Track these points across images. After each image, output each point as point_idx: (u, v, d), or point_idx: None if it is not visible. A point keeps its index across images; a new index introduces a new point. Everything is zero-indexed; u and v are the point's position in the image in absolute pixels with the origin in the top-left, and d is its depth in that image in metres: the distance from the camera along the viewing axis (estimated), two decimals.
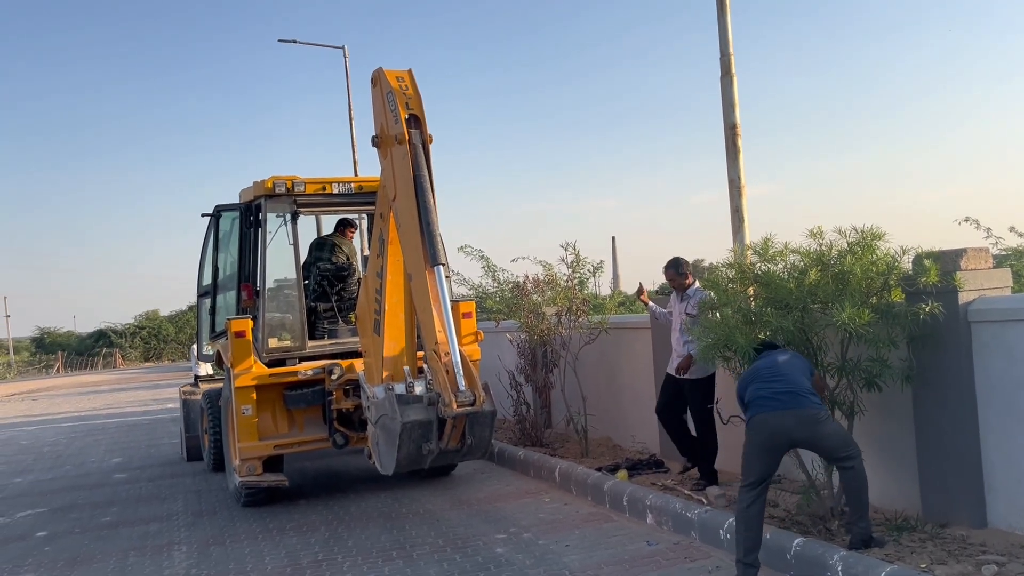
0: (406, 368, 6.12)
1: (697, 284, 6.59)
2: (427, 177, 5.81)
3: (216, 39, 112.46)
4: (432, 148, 6.02)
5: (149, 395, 23.36)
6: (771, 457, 4.68)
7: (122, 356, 54.37)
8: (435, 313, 5.63)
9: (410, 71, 6.17)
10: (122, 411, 19.02)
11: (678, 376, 6.50)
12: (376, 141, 6.38)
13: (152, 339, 56.61)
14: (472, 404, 5.43)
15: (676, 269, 6.59)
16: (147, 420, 16.32)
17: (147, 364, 52.16)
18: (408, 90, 6.03)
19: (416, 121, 5.94)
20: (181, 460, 10.62)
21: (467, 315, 7.61)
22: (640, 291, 7.27)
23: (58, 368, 52.28)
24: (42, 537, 7.15)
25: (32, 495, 9.12)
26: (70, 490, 9.23)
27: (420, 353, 6.40)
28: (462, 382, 5.46)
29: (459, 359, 5.53)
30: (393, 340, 6.28)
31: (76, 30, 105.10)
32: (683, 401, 6.60)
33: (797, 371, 4.78)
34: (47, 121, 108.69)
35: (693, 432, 6.61)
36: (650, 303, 7.23)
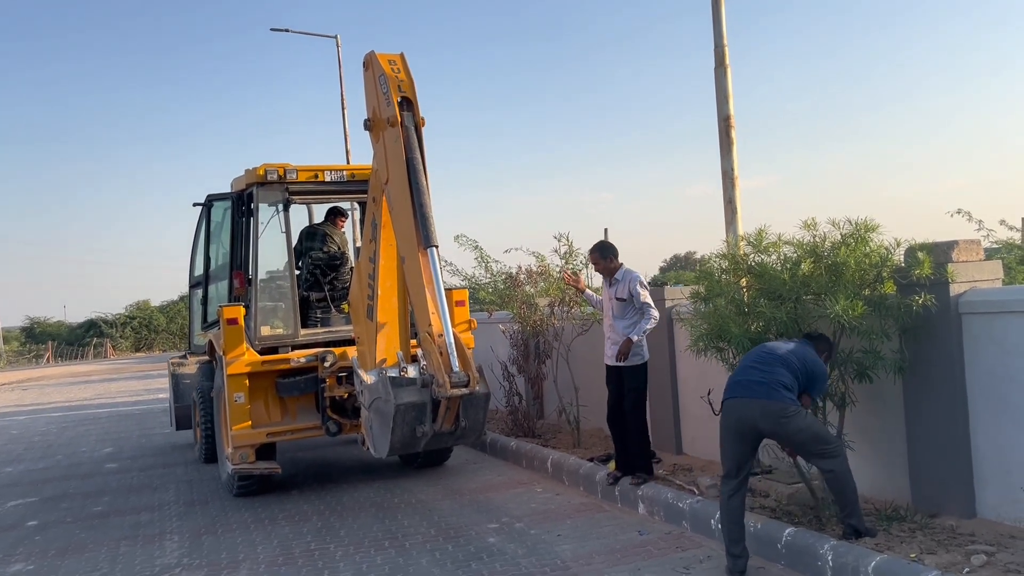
0: (399, 353, 6.11)
1: (625, 267, 6.47)
2: (420, 159, 5.79)
3: (210, 29, 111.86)
4: (423, 135, 5.97)
5: (140, 385, 23.27)
6: (741, 445, 4.64)
7: (113, 346, 54.05)
8: (428, 295, 5.61)
9: (402, 54, 6.15)
10: (113, 401, 18.95)
11: (618, 363, 6.35)
12: (368, 124, 6.35)
13: (143, 329, 56.25)
14: (466, 385, 5.39)
15: (601, 253, 6.44)
16: (138, 410, 16.26)
17: (138, 354, 51.84)
18: (400, 73, 6.01)
19: (408, 104, 5.92)
20: (171, 428, 10.68)
21: (460, 303, 7.59)
22: (576, 280, 7.03)
23: (48, 358, 51.97)
24: (33, 526, 7.13)
25: (23, 484, 9.09)
26: (61, 480, 9.21)
27: (414, 342, 6.38)
28: (456, 363, 5.43)
29: (452, 340, 5.51)
30: (386, 325, 6.26)
31: (67, 19, 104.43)
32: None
33: (781, 364, 4.65)
34: (38, 110, 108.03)
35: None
36: (587, 291, 7.07)
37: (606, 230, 23.31)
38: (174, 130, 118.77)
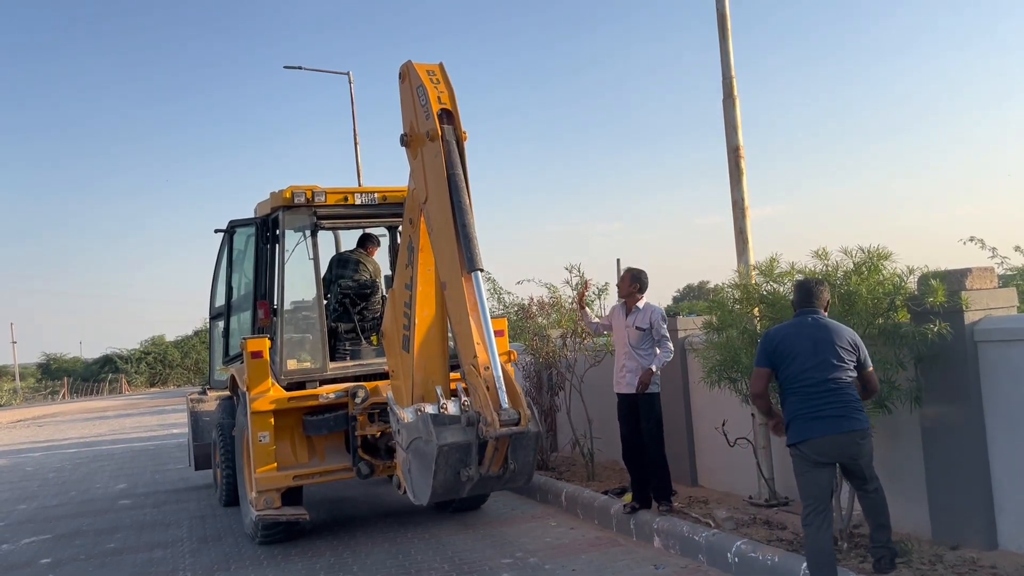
0: (438, 388, 5.59)
1: (647, 300, 6.55)
2: (462, 176, 5.29)
3: (224, 65, 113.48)
4: (465, 150, 5.48)
5: (155, 420, 23.31)
6: (823, 473, 4.47)
7: (128, 382, 54.32)
8: (473, 323, 5.10)
9: (441, 64, 5.66)
10: (127, 437, 18.98)
11: (637, 392, 6.31)
12: (405, 140, 5.82)
13: (158, 364, 56.56)
14: (516, 423, 4.83)
15: (637, 281, 6.56)
16: (152, 446, 16.28)
17: (153, 389, 52.08)
18: (440, 84, 5.51)
19: (449, 116, 5.41)
20: (185, 465, 10.54)
21: (499, 333, 6.85)
22: (580, 297, 7.22)
23: (64, 394, 52.27)
24: (46, 564, 7.11)
25: (37, 521, 9.10)
26: (75, 516, 9.21)
27: (454, 375, 5.92)
28: (504, 399, 4.88)
29: (500, 373, 4.96)
30: (424, 357, 5.78)
31: (84, 56, 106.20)
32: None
33: (842, 371, 4.44)
34: (56, 145, 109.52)
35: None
36: (587, 311, 7.11)
37: (618, 260, 23.23)
38: (188, 165, 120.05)
